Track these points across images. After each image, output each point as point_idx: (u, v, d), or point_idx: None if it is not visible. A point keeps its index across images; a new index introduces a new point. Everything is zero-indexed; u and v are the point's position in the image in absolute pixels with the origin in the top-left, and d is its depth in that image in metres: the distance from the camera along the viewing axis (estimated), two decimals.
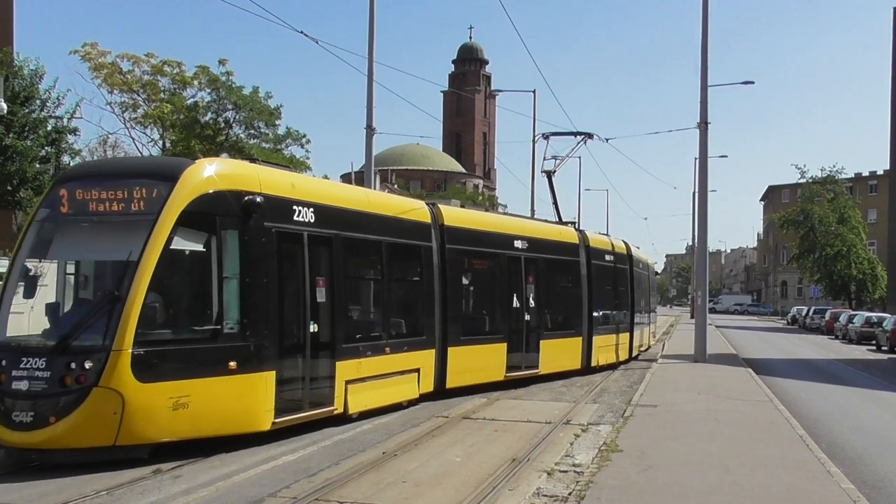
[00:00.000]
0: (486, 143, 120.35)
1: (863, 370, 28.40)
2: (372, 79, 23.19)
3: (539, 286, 20.01)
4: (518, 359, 19.09)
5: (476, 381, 17.48)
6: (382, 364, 14.46)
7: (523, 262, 19.39)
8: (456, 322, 16.95)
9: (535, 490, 9.44)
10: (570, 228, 23.43)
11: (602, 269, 24.04)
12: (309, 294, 12.51)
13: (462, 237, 17.38)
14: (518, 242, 19.35)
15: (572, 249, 22.32)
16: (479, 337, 18.04)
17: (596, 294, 23.16)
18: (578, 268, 22.49)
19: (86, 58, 35.11)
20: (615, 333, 25.07)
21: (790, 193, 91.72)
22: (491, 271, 18.97)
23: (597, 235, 25.51)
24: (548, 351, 20.22)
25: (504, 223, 20.17)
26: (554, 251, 21.24)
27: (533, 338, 19.71)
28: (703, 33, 27.04)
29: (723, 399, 17.38)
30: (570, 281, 22.34)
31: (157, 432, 10.38)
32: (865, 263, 68.73)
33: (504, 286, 18.89)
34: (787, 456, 11.48)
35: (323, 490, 9.14)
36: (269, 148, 37.09)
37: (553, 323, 21.22)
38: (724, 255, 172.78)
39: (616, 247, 26.14)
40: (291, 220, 12.38)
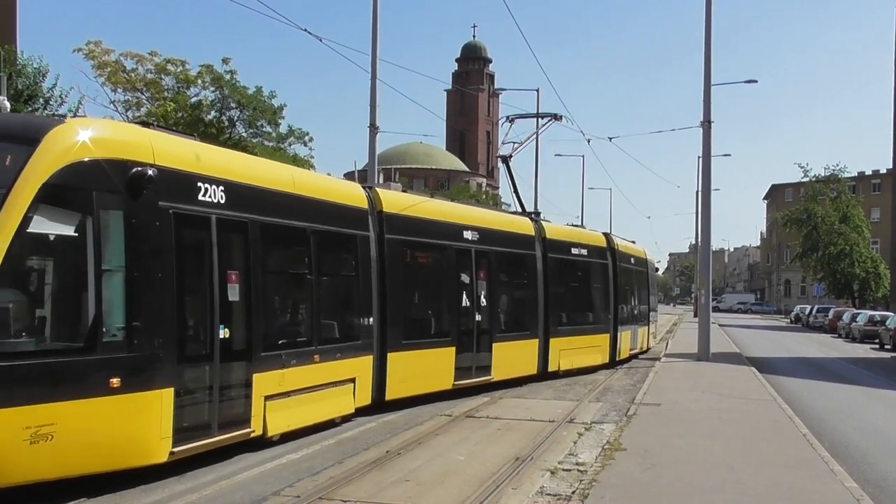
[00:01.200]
0: (490, 142, 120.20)
1: (866, 369, 28.38)
2: (375, 77, 23.20)
3: (491, 282, 18.09)
4: (468, 364, 17.07)
5: (421, 390, 15.62)
6: (310, 375, 12.38)
7: (474, 256, 17.34)
8: (397, 324, 15.02)
9: (538, 489, 9.45)
10: (524, 219, 21.08)
11: (566, 263, 22.07)
12: (218, 292, 10.36)
13: (404, 226, 15.38)
14: (468, 233, 17.29)
15: (527, 242, 20.17)
16: (424, 340, 15.99)
17: (555, 291, 21.05)
18: (534, 262, 20.34)
19: (89, 56, 35.13)
20: (585, 335, 22.74)
21: (793, 192, 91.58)
22: (437, 266, 16.95)
23: (559, 226, 23.45)
24: (501, 355, 18.15)
25: (452, 211, 17.68)
26: (507, 243, 19.11)
27: (484, 340, 17.65)
28: (706, 32, 27.06)
29: (726, 398, 17.38)
30: (524, 277, 20.25)
31: (8, 472, 8.06)
32: (868, 262, 68.67)
33: (452, 283, 16.88)
34: (790, 455, 11.48)
35: (327, 489, 9.16)
36: (272, 146, 37.12)
37: (507, 324, 19.28)
38: (727, 253, 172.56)
39: (589, 239, 24.00)
40: (195, 199, 10.09)
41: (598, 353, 23.45)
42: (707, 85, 27.09)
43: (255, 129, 37.51)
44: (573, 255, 22.40)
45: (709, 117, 27.21)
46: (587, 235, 24.31)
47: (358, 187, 14.90)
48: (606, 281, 24.39)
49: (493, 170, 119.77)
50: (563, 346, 21.13)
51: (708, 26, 27.01)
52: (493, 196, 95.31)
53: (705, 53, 27.09)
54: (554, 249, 21.10)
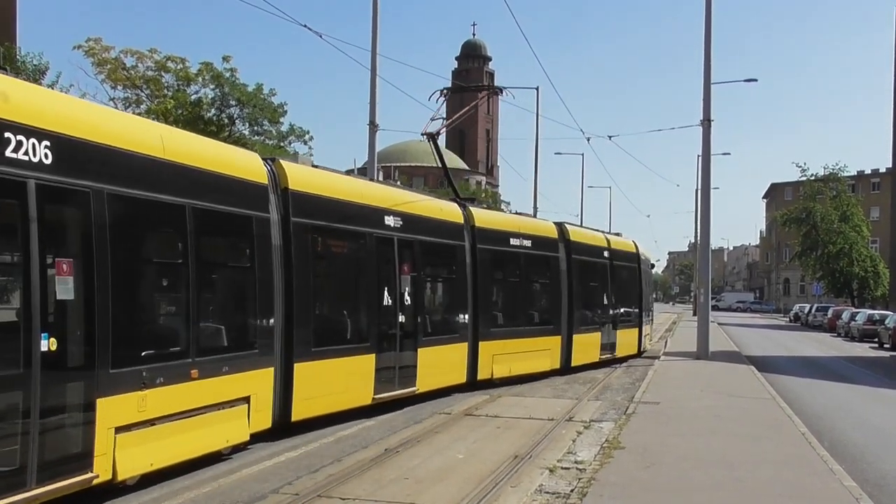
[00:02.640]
0: (489, 140, 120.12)
1: (865, 368, 28.39)
2: (375, 74, 23.21)
3: (417, 277, 15.62)
4: (390, 374, 14.56)
5: (334, 407, 13.00)
6: (186, 395, 9.60)
7: (397, 246, 14.86)
8: (305, 327, 12.33)
9: (537, 487, 9.45)
10: (452, 204, 18.19)
11: (502, 255, 19.47)
12: (38, 287, 7.55)
13: (315, 208, 12.74)
14: (390, 219, 14.74)
15: (455, 231, 17.53)
16: (339, 347, 13.25)
17: (488, 288, 18.67)
18: (463, 254, 17.71)
19: (89, 53, 35.05)
20: (527, 337, 19.92)
21: (793, 191, 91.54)
22: (354, 257, 14.55)
23: (495, 213, 21.02)
24: (428, 362, 15.68)
25: (372, 192, 14.93)
26: (434, 232, 16.55)
27: (409, 345, 15.19)
28: (706, 31, 27.08)
29: (725, 396, 17.39)
30: (453, 271, 17.68)
31: None
32: (868, 261, 68.70)
33: (372, 277, 14.30)
34: (789, 453, 11.49)
35: (325, 486, 9.16)
36: (272, 144, 37.09)
37: (434, 325, 16.68)
38: (726, 252, 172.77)
39: (534, 229, 21.16)
40: (2, 156, 7.42)
41: (544, 357, 20.66)
42: (707, 83, 27.11)
43: (256, 126, 37.46)
44: (512, 246, 19.65)
45: (709, 116, 27.23)
46: (531, 225, 21.56)
47: (256, 157, 12.09)
48: (557, 276, 21.61)
49: (493, 168, 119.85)
50: (498, 351, 18.42)
51: (708, 25, 27.02)
52: (492, 194, 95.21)
53: (705, 52, 27.11)
54: (486, 239, 18.46)
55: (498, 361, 18.51)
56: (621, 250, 26.76)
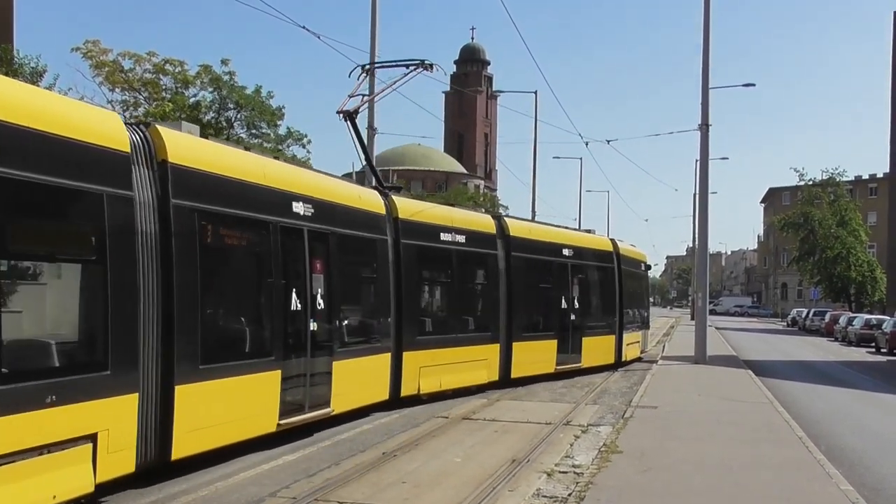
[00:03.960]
0: (488, 144, 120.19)
1: (862, 372, 28.41)
2: (374, 77, 23.17)
3: (332, 277, 13.17)
4: (299, 393, 12.09)
5: (229, 439, 10.55)
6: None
7: (307, 239, 12.36)
8: (190, 338, 9.84)
9: (534, 491, 9.45)
10: (372, 192, 15.78)
11: (431, 252, 17.07)
12: None
13: (203, 187, 10.32)
14: (299, 206, 12.25)
15: (376, 223, 15.13)
16: (234, 363, 10.81)
17: (413, 289, 16.29)
18: (386, 250, 15.32)
19: (87, 55, 35.02)
20: (461, 346, 17.46)
21: (791, 196, 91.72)
22: (254, 251, 11.99)
23: (423, 204, 18.26)
24: (344, 377, 13.19)
25: (277, 173, 12.23)
26: (353, 224, 14.17)
27: (322, 358, 12.71)
28: (704, 36, 27.13)
29: (723, 400, 17.40)
30: (374, 269, 15.31)
31: None
32: (865, 266, 68.79)
33: (276, 276, 11.77)
34: (786, 457, 11.49)
35: (323, 490, 9.16)
36: (270, 147, 37.10)
37: (352, 334, 14.33)
38: (724, 256, 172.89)
39: (469, 223, 18.43)
40: None
41: (480, 369, 18.10)
42: (705, 88, 27.17)
43: (254, 129, 37.47)
44: (443, 242, 17.08)
45: (707, 121, 27.29)
46: (465, 218, 18.70)
47: (116, 118, 9.48)
48: (496, 276, 19.10)
49: (492, 172, 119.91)
50: (426, 362, 16.08)
51: (706, 30, 27.07)
52: (490, 198, 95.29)
53: (703, 57, 27.17)
54: (413, 234, 16.05)
55: (426, 374, 16.10)
56: (589, 249, 24.00)
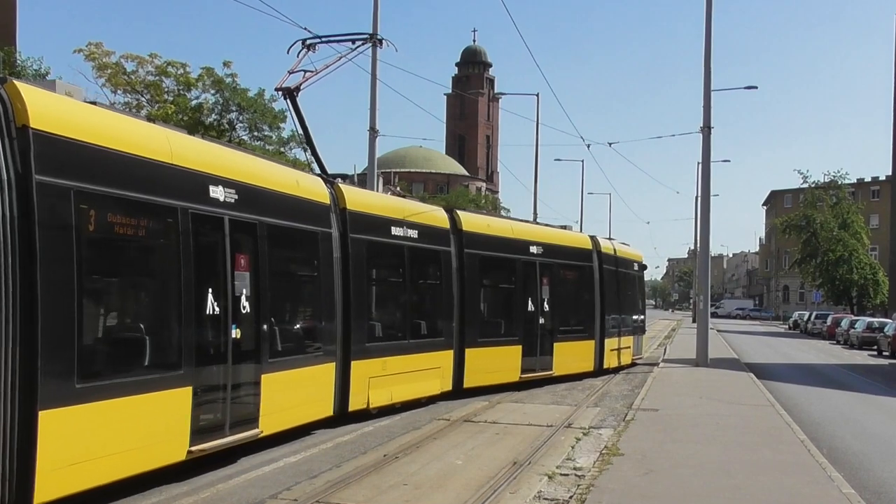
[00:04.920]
0: (489, 146, 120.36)
1: (864, 375, 28.37)
2: (376, 80, 23.24)
3: (259, 276, 11.21)
4: (217, 413, 10.24)
5: (119, 474, 8.75)
6: None
7: (228, 230, 10.53)
8: (61, 350, 8.05)
9: (536, 493, 9.46)
10: (313, 178, 13.97)
11: (381, 249, 15.23)
12: None
13: (81, 163, 8.46)
14: (218, 191, 10.46)
15: (318, 214, 13.24)
16: (129, 381, 8.92)
17: (360, 289, 14.21)
18: (329, 245, 13.43)
19: (90, 57, 35.09)
20: (413, 353, 15.69)
21: (793, 198, 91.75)
22: (157, 244, 9.95)
23: (370, 195, 16.67)
24: (277, 392, 11.44)
25: (186, 150, 10.22)
26: (288, 214, 12.30)
27: (246, 371, 10.90)
28: (706, 38, 27.14)
29: (724, 403, 17.39)
30: (315, 267, 13.40)
31: None
32: (867, 269, 68.77)
33: (186, 275, 9.75)
34: (788, 460, 11.49)
35: (324, 492, 9.16)
36: (272, 150, 37.14)
37: (286, 340, 12.34)
38: (726, 259, 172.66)
39: (421, 217, 16.58)
40: None
41: (432, 378, 16.45)
42: (707, 90, 27.18)
43: (256, 132, 37.53)
44: (395, 237, 15.39)
45: (709, 123, 27.31)
46: (417, 211, 16.79)
47: None
48: (448, 276, 17.28)
49: (493, 174, 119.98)
50: (376, 372, 14.37)
51: (708, 32, 27.09)
52: (492, 200, 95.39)
53: (705, 59, 27.16)
54: (361, 227, 14.25)
55: (376, 385, 14.38)
56: (563, 246, 21.98)
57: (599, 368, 23.26)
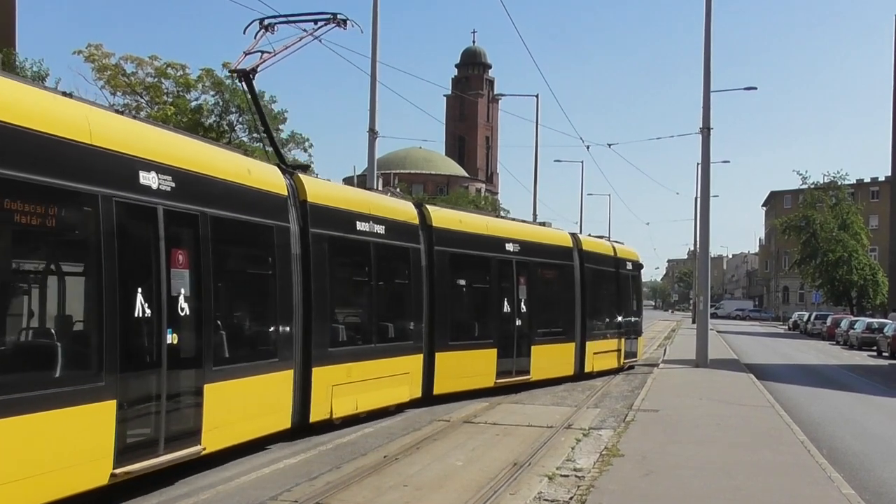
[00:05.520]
0: (489, 147, 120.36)
1: (864, 376, 28.37)
2: (375, 81, 23.25)
3: (203, 273, 10.03)
4: (147, 431, 9.07)
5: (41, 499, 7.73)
6: None
7: (163, 223, 9.36)
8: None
9: (536, 494, 9.45)
10: (269, 168, 12.62)
11: (346, 245, 14.05)
12: None
13: None
14: (150, 178, 9.25)
15: (272, 206, 11.95)
16: (33, 396, 7.68)
17: (323, 288, 12.88)
18: (287, 241, 12.17)
19: (89, 59, 35.16)
20: (380, 358, 14.41)
21: (792, 199, 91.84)
22: (72, 236, 8.91)
23: (334, 187, 15.11)
24: (222, 403, 10.28)
25: (108, 129, 8.98)
26: (236, 206, 11.04)
27: (186, 381, 9.75)
28: (705, 39, 27.16)
29: (724, 404, 17.39)
30: (269, 265, 12.09)
31: None
32: (867, 269, 68.79)
33: (109, 272, 8.59)
34: (788, 461, 11.49)
35: (324, 493, 9.16)
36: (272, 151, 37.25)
37: (235, 346, 10.99)
38: (725, 260, 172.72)
39: (388, 211, 15.36)
40: None
41: (401, 385, 15.29)
42: (706, 91, 27.20)
43: (255, 133, 37.54)
44: (360, 233, 14.17)
45: (708, 124, 27.33)
46: (385, 205, 15.60)
47: None
48: (418, 274, 16.19)
49: (493, 175, 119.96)
50: (340, 379, 13.20)
51: (707, 33, 27.11)
52: (492, 201, 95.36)
53: (705, 60, 27.18)
54: (323, 221, 13.08)
55: (340, 394, 13.15)
56: (542, 244, 20.95)
57: (580, 373, 22.08)
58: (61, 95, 8.90)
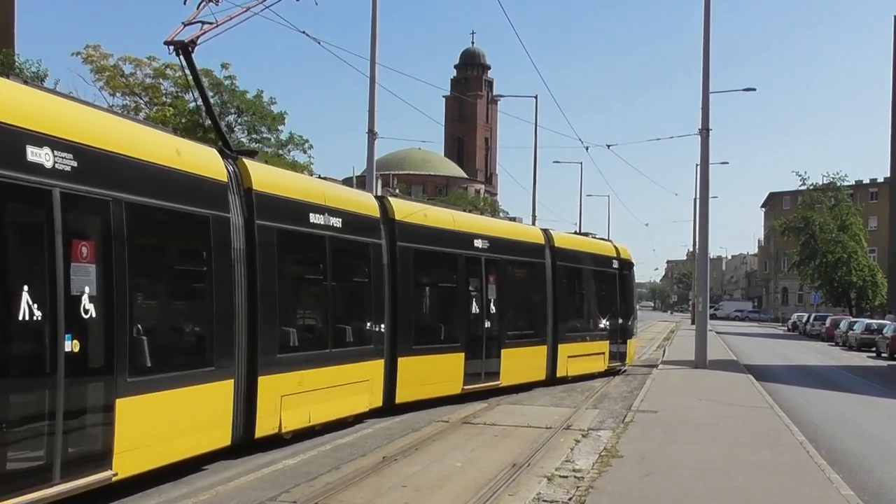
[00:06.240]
0: (488, 149, 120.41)
1: (863, 377, 28.39)
2: (374, 82, 23.22)
3: (114, 269, 8.63)
4: (38, 456, 7.73)
5: None
6: None
7: (59, 210, 7.95)
8: None
9: (535, 495, 9.45)
10: (208, 150, 11.20)
11: (298, 239, 12.67)
12: None
13: None
14: (41, 155, 7.82)
15: (208, 193, 10.47)
16: None
17: (270, 288, 11.60)
18: (227, 233, 10.75)
19: (87, 60, 35.12)
20: (337, 364, 13.11)
21: (791, 200, 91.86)
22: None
23: (283, 174, 14.12)
24: (138, 422, 8.85)
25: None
26: (161, 193, 9.55)
27: (92, 396, 8.42)
28: (704, 40, 27.16)
29: (723, 405, 17.39)
30: (206, 260, 10.54)
31: None
32: (866, 270, 68.77)
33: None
34: (787, 462, 11.49)
35: (323, 494, 9.15)
36: (271, 153, 37.18)
37: (160, 353, 9.47)
38: (724, 261, 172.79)
39: (350, 204, 14.17)
40: None
41: (359, 393, 13.98)
42: (705, 93, 27.20)
43: (255, 134, 37.55)
44: (314, 226, 12.76)
45: (707, 125, 27.33)
46: (342, 196, 14.36)
47: None
48: (379, 273, 14.90)
49: (492, 176, 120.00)
50: (290, 389, 11.87)
51: (707, 34, 27.11)
52: (491, 202, 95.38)
53: (704, 61, 27.18)
54: (272, 212, 11.75)
55: (291, 405, 11.89)
56: (511, 240, 19.65)
57: (552, 377, 20.78)
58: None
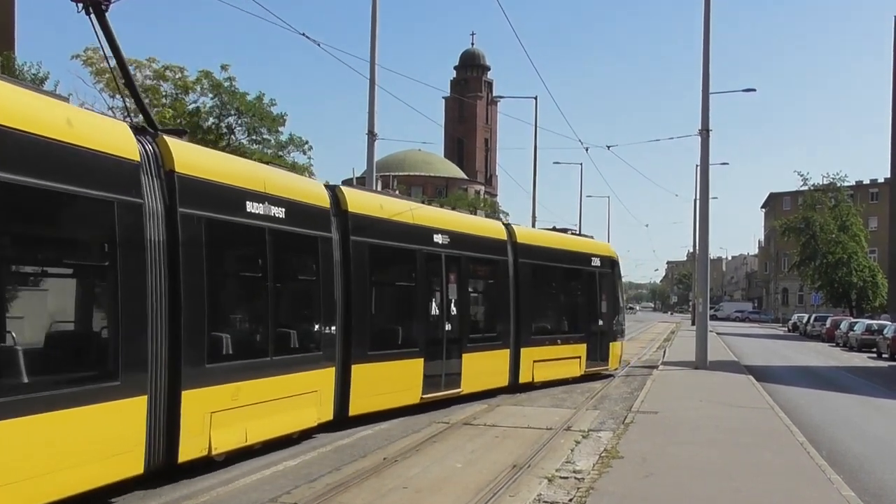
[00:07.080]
0: (488, 150, 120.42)
1: (863, 377, 28.37)
2: (374, 84, 23.21)
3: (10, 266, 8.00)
4: None
5: None
6: None
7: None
8: None
9: (535, 496, 9.45)
10: (120, 125, 9.83)
11: (233, 231, 11.06)
12: None
13: None
14: None
15: (114, 176, 8.87)
16: None
17: (197, 288, 10.09)
18: (140, 223, 9.17)
19: (87, 62, 35.13)
20: (278, 374, 11.53)
21: (791, 201, 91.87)
22: None
23: (215, 156, 11.84)
24: (22, 451, 7.51)
25: None
26: (41, 170, 7.90)
27: None
28: (704, 40, 27.16)
29: (724, 406, 17.39)
30: (116, 254, 8.89)
31: None
32: (866, 271, 68.81)
33: None
34: (787, 463, 11.49)
35: (324, 495, 9.15)
36: (271, 153, 37.18)
37: (48, 367, 8.32)
38: (725, 262, 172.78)
39: (295, 192, 12.44)
40: None
41: (307, 405, 12.45)
42: (705, 93, 27.20)
43: (255, 136, 37.55)
44: (251, 216, 11.16)
45: (707, 126, 27.33)
46: (286, 184, 12.42)
47: None
48: (329, 271, 13.30)
49: (492, 177, 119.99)
50: (222, 404, 10.37)
51: (707, 34, 27.11)
52: (491, 203, 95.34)
53: (704, 62, 27.19)
54: (197, 199, 10.20)
55: (223, 423, 10.35)
56: (472, 235, 18.06)
57: (514, 383, 19.24)
58: None
